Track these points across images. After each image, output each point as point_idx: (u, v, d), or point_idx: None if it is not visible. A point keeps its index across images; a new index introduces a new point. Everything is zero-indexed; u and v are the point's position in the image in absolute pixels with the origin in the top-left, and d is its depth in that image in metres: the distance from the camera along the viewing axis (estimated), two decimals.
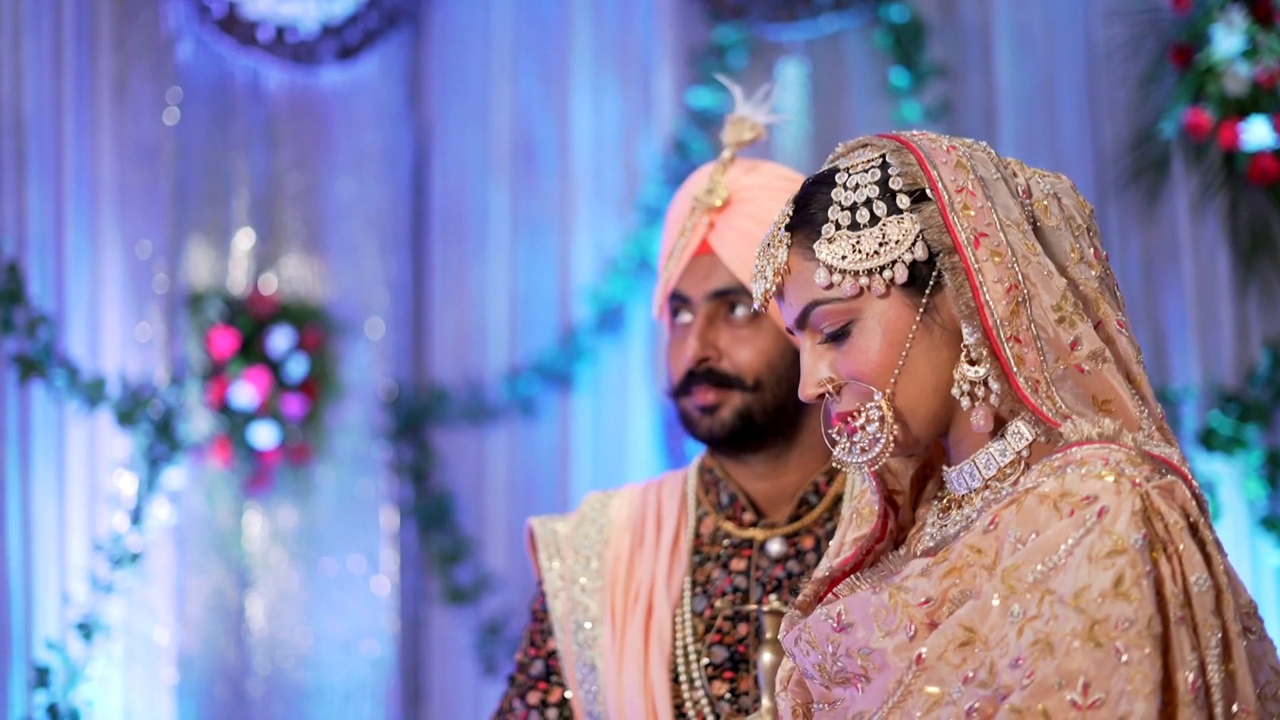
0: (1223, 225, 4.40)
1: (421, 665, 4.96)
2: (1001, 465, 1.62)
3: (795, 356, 2.13)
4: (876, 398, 1.61)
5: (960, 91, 4.75)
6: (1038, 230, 1.63)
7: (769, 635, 2.07)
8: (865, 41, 4.81)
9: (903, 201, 1.61)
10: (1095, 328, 1.60)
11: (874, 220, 1.61)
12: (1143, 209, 4.53)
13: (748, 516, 2.23)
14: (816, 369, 1.65)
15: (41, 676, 4.08)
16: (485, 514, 4.93)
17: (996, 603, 1.49)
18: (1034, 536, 1.50)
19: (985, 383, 1.59)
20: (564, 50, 4.99)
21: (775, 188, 2.20)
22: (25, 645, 4.09)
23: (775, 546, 2.20)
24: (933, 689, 1.51)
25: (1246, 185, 4.37)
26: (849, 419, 1.64)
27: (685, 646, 2.17)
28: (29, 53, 4.24)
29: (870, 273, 1.60)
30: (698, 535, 2.25)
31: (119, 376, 4.40)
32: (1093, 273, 1.63)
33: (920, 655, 1.52)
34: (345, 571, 4.92)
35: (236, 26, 4.82)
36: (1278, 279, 4.40)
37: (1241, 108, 4.31)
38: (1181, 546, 1.48)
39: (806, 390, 1.66)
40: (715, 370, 2.18)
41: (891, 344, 1.61)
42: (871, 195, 1.62)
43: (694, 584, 2.22)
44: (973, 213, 1.59)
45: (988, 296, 1.57)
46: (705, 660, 2.16)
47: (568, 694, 2.22)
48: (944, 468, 1.69)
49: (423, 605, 4.97)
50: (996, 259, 1.57)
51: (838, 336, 1.63)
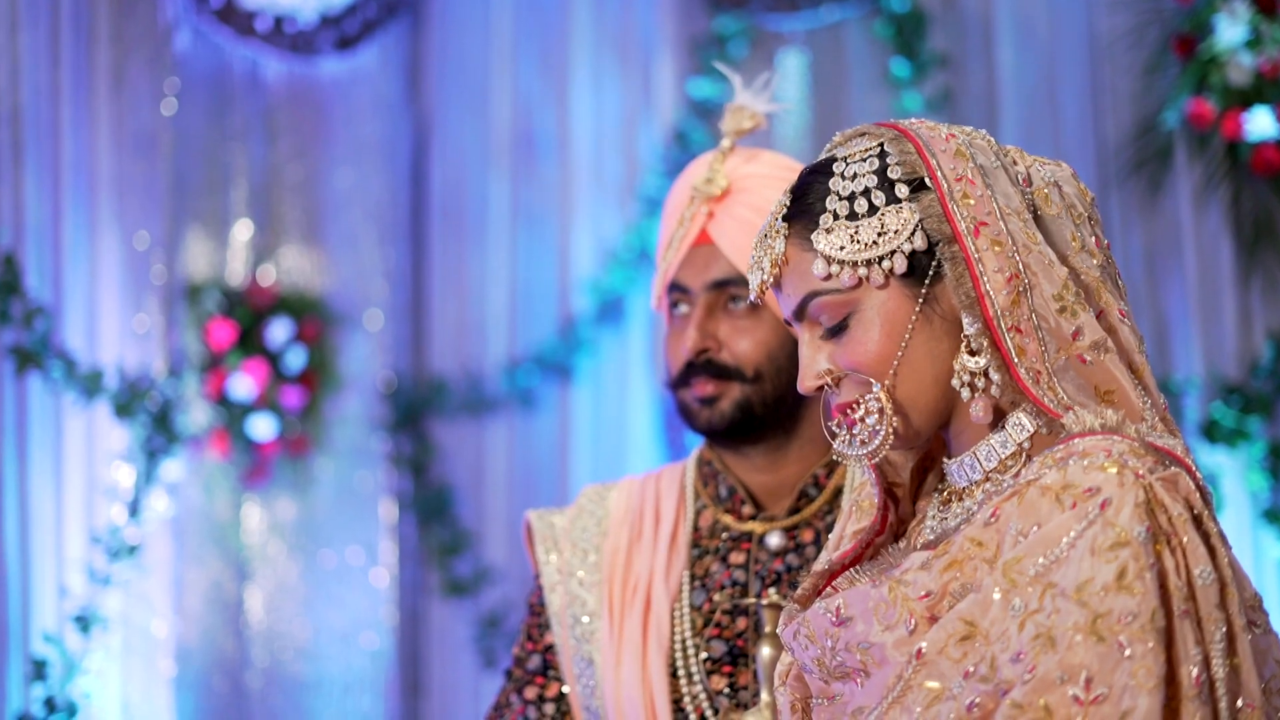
0: (1225, 216, 4.39)
1: (420, 658, 4.96)
2: (1002, 457, 1.60)
3: (795, 348, 2.11)
4: (875, 389, 1.59)
5: (961, 82, 4.74)
6: (1038, 219, 1.61)
7: (768, 629, 2.06)
8: (866, 31, 4.80)
9: (901, 191, 1.59)
10: (1097, 317, 1.59)
11: (872, 210, 1.59)
12: (1145, 200, 4.51)
13: (747, 509, 2.21)
14: (815, 361, 1.64)
15: (39, 669, 4.07)
16: (484, 506, 4.93)
17: (998, 596, 1.48)
18: (1036, 529, 1.49)
19: (986, 373, 1.57)
20: (564, 40, 4.98)
21: (775, 177, 2.18)
22: (22, 638, 4.08)
23: (774, 539, 2.19)
24: (933, 684, 1.50)
25: (1249, 176, 4.36)
26: (848, 411, 1.62)
27: (684, 640, 2.16)
28: (26, 43, 4.22)
29: (869, 263, 1.59)
30: (696, 528, 2.24)
31: (117, 368, 4.39)
32: (1094, 261, 1.61)
33: (920, 649, 1.51)
34: (344, 564, 4.92)
35: (234, 16, 4.81)
36: None
37: (1245, 98, 4.30)
38: (1185, 539, 1.47)
39: (805, 383, 1.64)
40: (714, 361, 2.16)
41: (890, 335, 1.59)
42: (870, 185, 1.60)
43: (692, 577, 2.20)
44: (972, 201, 1.57)
45: (988, 286, 1.55)
46: (704, 654, 2.15)
47: (565, 689, 2.20)
48: (944, 460, 1.67)
49: (422, 598, 4.97)
50: (997, 248, 1.56)
51: (836, 330, 1.62)
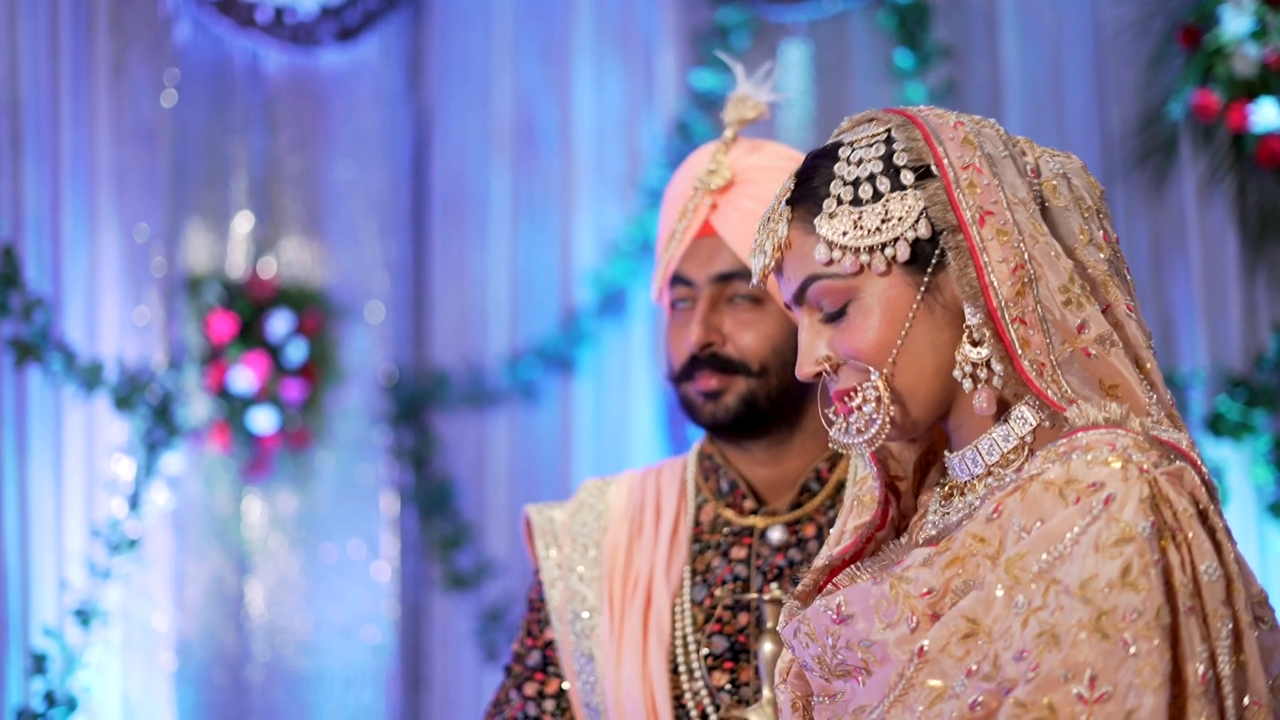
0: (1231, 208, 4.38)
1: (422, 652, 4.96)
2: (1005, 451, 1.59)
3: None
4: (873, 377, 1.58)
5: (965, 73, 4.72)
6: (1045, 210, 1.60)
7: (770, 625, 2.05)
8: (869, 22, 4.79)
9: (907, 178, 1.58)
10: (1103, 311, 1.57)
11: (877, 196, 1.58)
12: (1150, 191, 4.50)
13: (748, 504, 2.20)
14: (814, 347, 1.62)
15: (39, 663, 4.06)
16: (486, 499, 4.93)
17: (1000, 593, 1.46)
18: (1039, 525, 1.47)
19: (988, 364, 1.56)
20: (565, 31, 4.97)
21: (779, 168, 2.17)
22: (22, 632, 4.07)
23: (776, 534, 2.18)
24: (935, 682, 1.49)
25: (1255, 167, 4.34)
26: (845, 398, 1.61)
27: (685, 636, 2.15)
28: (25, 34, 4.21)
29: (871, 250, 1.57)
30: (697, 523, 2.23)
31: (117, 361, 4.38)
32: (1102, 255, 1.60)
33: (922, 648, 1.50)
34: (345, 557, 4.92)
35: (234, 8, 4.79)
36: None
37: (1250, 89, 4.29)
38: (1191, 534, 1.46)
39: (803, 368, 1.63)
40: (719, 355, 2.15)
41: (891, 323, 1.58)
42: (875, 170, 1.59)
43: (694, 573, 2.19)
44: (979, 190, 1.56)
45: (992, 277, 1.53)
46: (705, 650, 2.14)
47: (565, 685, 2.19)
48: (946, 453, 1.66)
49: (423, 591, 4.97)
50: (1002, 238, 1.54)
51: (836, 315, 1.60)
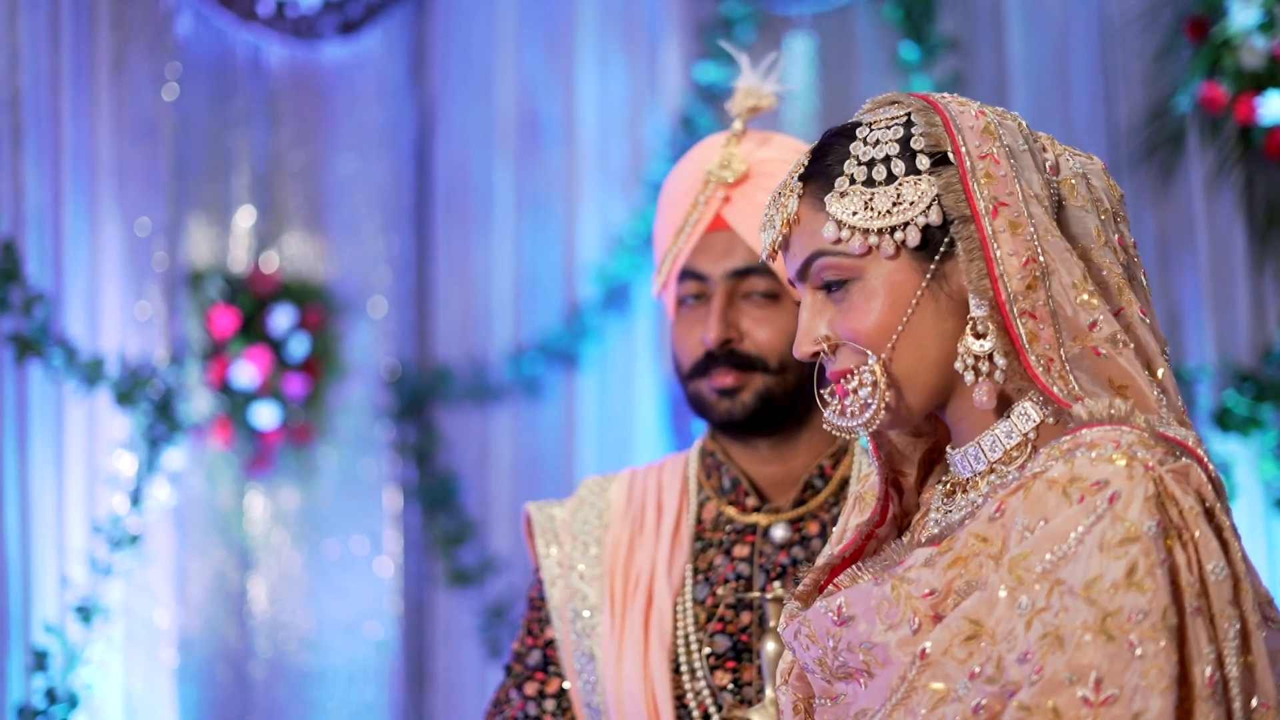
0: (1238, 201, 4.36)
1: (425, 648, 4.95)
2: (1007, 448, 1.58)
3: None
4: (871, 361, 1.57)
5: (971, 65, 4.71)
6: (1062, 208, 1.58)
7: (773, 624, 2.03)
8: (874, 15, 4.77)
9: (922, 163, 1.56)
10: (1115, 315, 1.55)
11: (890, 179, 1.57)
12: (1157, 185, 4.48)
13: (751, 501, 2.18)
14: (814, 326, 1.61)
15: (40, 660, 4.05)
16: (489, 495, 4.92)
17: (1004, 594, 1.45)
18: (1042, 524, 1.45)
19: (990, 358, 1.54)
20: (569, 24, 4.96)
21: (791, 161, 2.14)
22: (23, 628, 4.06)
23: (779, 532, 2.16)
24: (938, 685, 1.47)
25: (1263, 160, 4.33)
26: (842, 380, 1.60)
27: (686, 635, 2.13)
28: (25, 27, 4.20)
29: (880, 232, 1.56)
30: (699, 521, 2.21)
31: (118, 356, 4.37)
32: (1118, 259, 1.59)
33: (924, 650, 1.48)
34: (348, 553, 4.91)
35: (236, 1, 4.78)
36: None
37: (1258, 81, 4.27)
38: (1197, 533, 1.44)
39: (802, 347, 1.62)
40: (737, 352, 2.13)
41: (893, 307, 1.56)
42: (891, 153, 1.58)
43: (695, 571, 2.17)
44: (995, 181, 1.54)
45: (1002, 269, 1.52)
46: (707, 650, 2.12)
47: (566, 684, 2.18)
48: (948, 449, 1.64)
49: (426, 587, 4.96)
50: (1015, 230, 1.53)
51: (835, 286, 1.59)
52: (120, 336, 4.42)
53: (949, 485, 1.64)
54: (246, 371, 4.77)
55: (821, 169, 1.61)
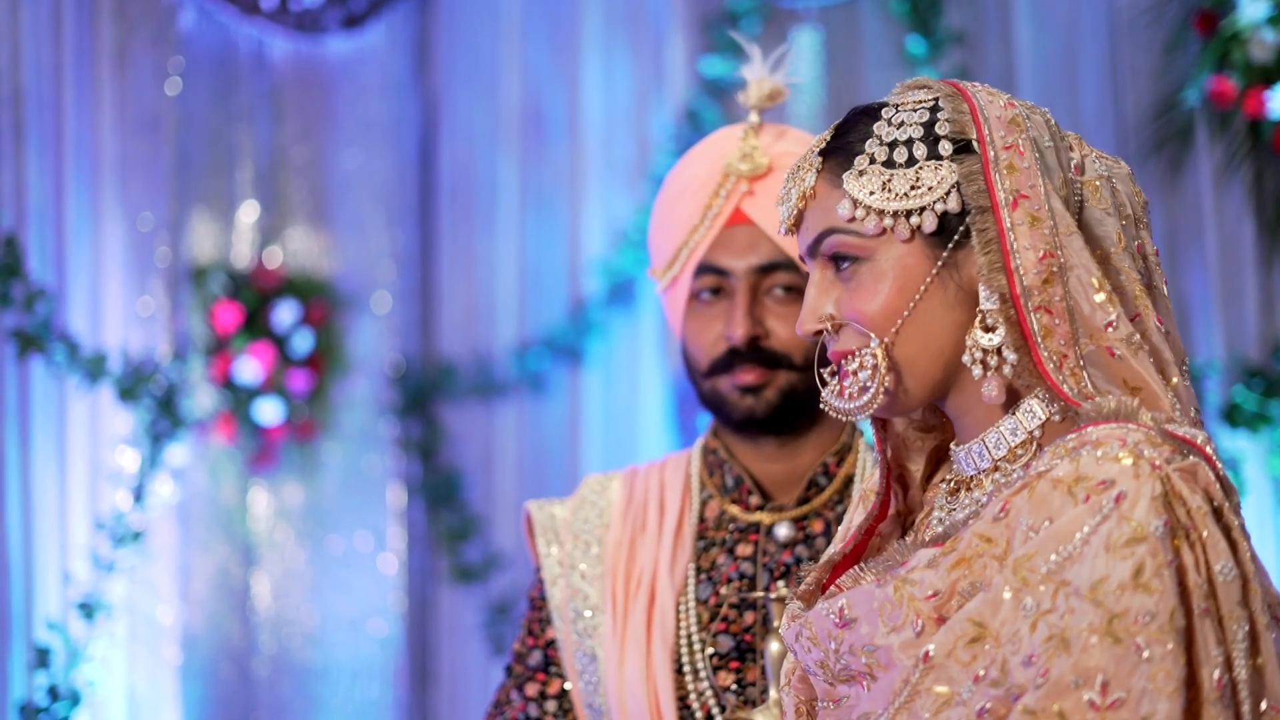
0: (1247, 196, 4.34)
1: (429, 644, 4.95)
2: (1012, 445, 1.56)
3: None
4: (873, 344, 1.55)
5: (978, 59, 4.69)
6: (1083, 209, 1.57)
7: (776, 624, 2.01)
8: (881, 8, 4.76)
9: (945, 149, 1.55)
10: (1131, 320, 1.53)
11: (911, 162, 1.56)
12: (1165, 180, 4.46)
13: (754, 499, 2.16)
14: (820, 304, 1.60)
15: (42, 657, 4.04)
16: (494, 491, 4.91)
17: (1008, 596, 1.43)
18: (1047, 524, 1.43)
19: (999, 352, 1.52)
20: (574, 18, 4.94)
21: None
22: (26, 625, 4.05)
23: (783, 531, 2.14)
24: (941, 688, 1.45)
25: (1272, 155, 4.32)
26: (843, 361, 1.59)
27: (689, 636, 2.11)
28: (27, 21, 4.18)
29: (896, 215, 1.55)
30: (702, 519, 2.19)
31: (121, 352, 4.36)
32: (1137, 265, 1.57)
33: (928, 652, 1.47)
34: (352, 549, 4.90)
35: None
36: None
37: (1267, 75, 4.26)
38: (1205, 533, 1.42)
39: (805, 325, 1.61)
40: (763, 348, 2.11)
41: (901, 291, 1.55)
42: (914, 136, 1.56)
43: (698, 570, 2.16)
44: (1018, 173, 1.53)
45: (1018, 261, 1.51)
46: (710, 650, 2.11)
47: (567, 685, 2.16)
48: (951, 446, 1.62)
49: (430, 584, 4.95)
50: (1034, 224, 1.51)
51: (844, 264, 1.58)
52: (123, 332, 4.41)
53: (953, 483, 1.63)
54: (250, 367, 4.76)
55: (843, 145, 1.60)
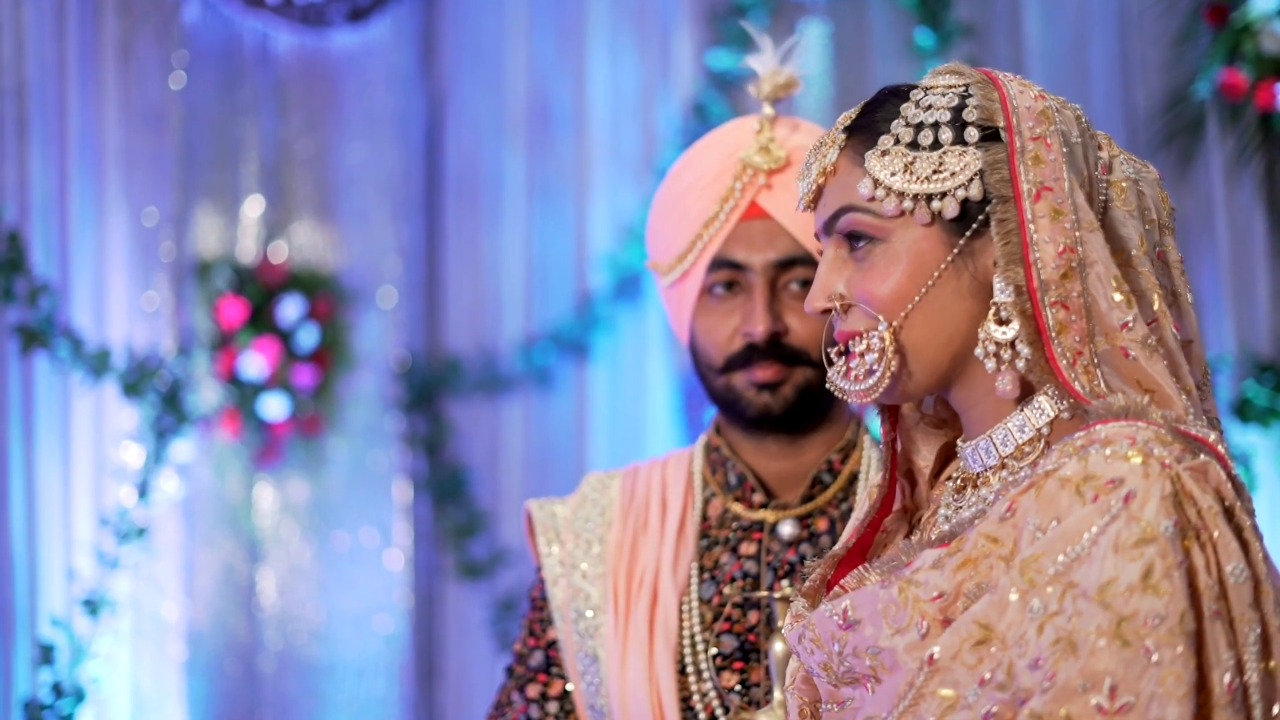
0: (1259, 189, 4.32)
1: (435, 641, 4.94)
2: (1019, 442, 1.55)
3: None
4: (881, 327, 1.54)
5: (987, 51, 4.67)
6: (1108, 210, 1.56)
7: (781, 623, 1.98)
8: (889, 0, 4.73)
9: (971, 135, 1.54)
10: (1149, 325, 1.51)
11: (936, 145, 1.55)
12: (1176, 172, 4.43)
13: (757, 497, 2.14)
14: (831, 282, 1.59)
15: (46, 654, 4.02)
16: (500, 487, 4.90)
17: (1015, 597, 1.41)
18: (1055, 524, 1.42)
19: (1012, 345, 1.51)
20: (580, 11, 4.93)
21: None
22: (30, 622, 4.03)
23: (787, 529, 2.12)
24: (946, 691, 1.43)
25: None
26: (849, 342, 1.58)
27: (692, 636, 2.10)
28: (31, 15, 4.16)
29: (917, 198, 1.54)
30: (705, 518, 2.17)
31: (125, 347, 4.34)
32: (1156, 271, 1.55)
33: (933, 655, 1.45)
34: (358, 545, 4.89)
35: None
36: None
37: (1278, 68, 4.22)
38: (1216, 533, 1.41)
39: (814, 302, 1.60)
40: (783, 345, 2.08)
41: (913, 276, 1.54)
42: (941, 120, 1.55)
43: (701, 569, 2.14)
44: (1044, 165, 1.51)
45: (1037, 254, 1.49)
46: (713, 650, 2.09)
47: (569, 686, 2.14)
48: (958, 443, 1.60)
49: (437, 580, 4.94)
50: (1056, 217, 1.50)
51: (859, 244, 1.56)
52: (127, 327, 4.39)
53: (959, 480, 1.61)
54: (255, 362, 4.75)
55: (868, 123, 1.59)
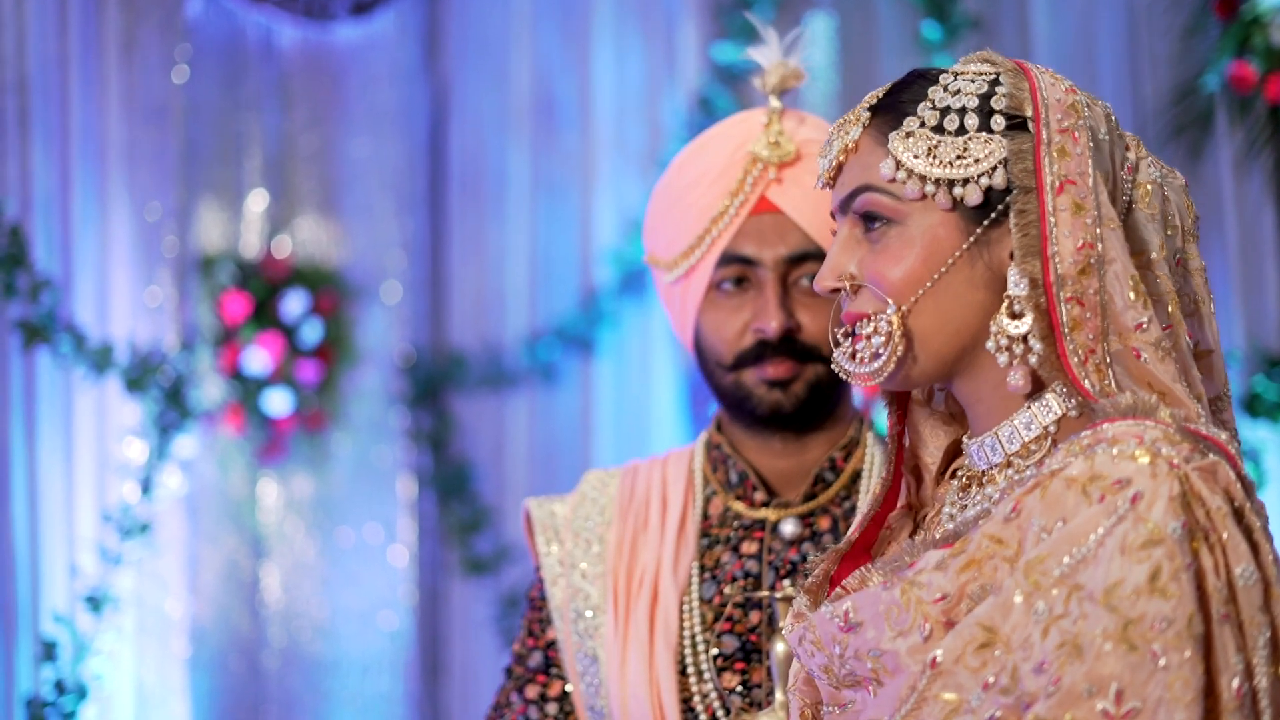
0: (1268, 183, 4.30)
1: (440, 637, 4.92)
2: (1026, 440, 1.53)
3: None
4: (890, 311, 1.52)
5: (995, 44, 4.58)
6: (1130, 211, 1.54)
7: (782, 624, 1.96)
8: None
9: (997, 123, 1.52)
10: (1163, 330, 1.48)
11: (961, 131, 1.52)
12: (1185, 166, 4.41)
13: (759, 496, 2.12)
14: (842, 262, 1.57)
15: (49, 651, 4.01)
16: (505, 483, 4.89)
17: (1019, 599, 1.39)
18: (1060, 525, 1.39)
19: (1025, 340, 1.48)
20: (585, 4, 4.92)
21: None
22: (32, 619, 4.02)
23: (789, 528, 2.10)
24: (950, 695, 1.41)
25: None
26: (857, 324, 1.56)
27: (693, 636, 2.07)
28: (32, 9, 4.15)
29: (938, 182, 1.51)
30: (706, 516, 2.15)
31: (128, 342, 4.33)
32: (1174, 277, 1.54)
33: (935, 658, 1.43)
34: (362, 541, 4.87)
35: None
36: None
37: None
38: (1225, 535, 1.39)
39: (824, 280, 1.58)
40: (796, 341, 2.06)
41: (926, 261, 1.52)
42: (968, 105, 1.53)
43: (702, 569, 2.11)
44: (1069, 158, 1.49)
45: (1056, 248, 1.47)
46: (714, 651, 2.07)
47: (568, 687, 2.12)
48: (964, 439, 1.58)
49: (441, 576, 4.93)
50: (1078, 212, 1.47)
51: (874, 225, 1.54)
52: (130, 322, 4.38)
53: (965, 478, 1.59)
54: (258, 358, 4.73)
55: (894, 104, 1.57)
